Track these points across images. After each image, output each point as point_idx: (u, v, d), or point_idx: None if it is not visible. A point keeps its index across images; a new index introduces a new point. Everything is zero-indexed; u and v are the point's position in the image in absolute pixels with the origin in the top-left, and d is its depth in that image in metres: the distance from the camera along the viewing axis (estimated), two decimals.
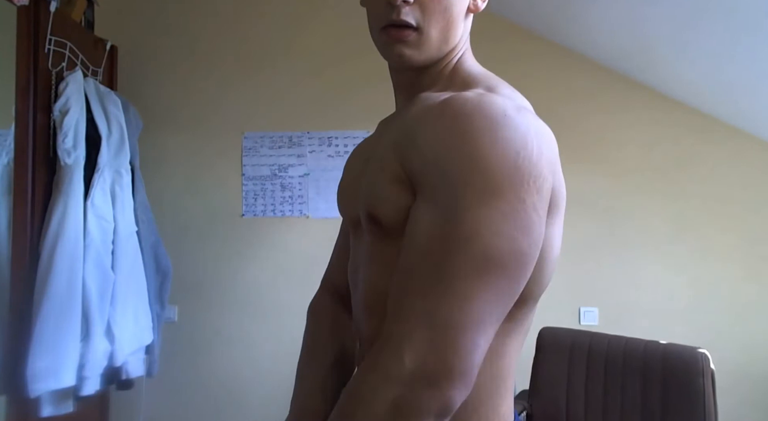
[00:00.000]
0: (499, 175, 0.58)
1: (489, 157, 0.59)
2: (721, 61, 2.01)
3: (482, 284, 0.56)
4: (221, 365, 2.47)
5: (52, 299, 1.69)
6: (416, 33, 0.71)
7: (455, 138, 0.61)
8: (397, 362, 0.54)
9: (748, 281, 2.40)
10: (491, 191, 0.58)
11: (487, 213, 0.57)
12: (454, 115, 0.62)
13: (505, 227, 0.57)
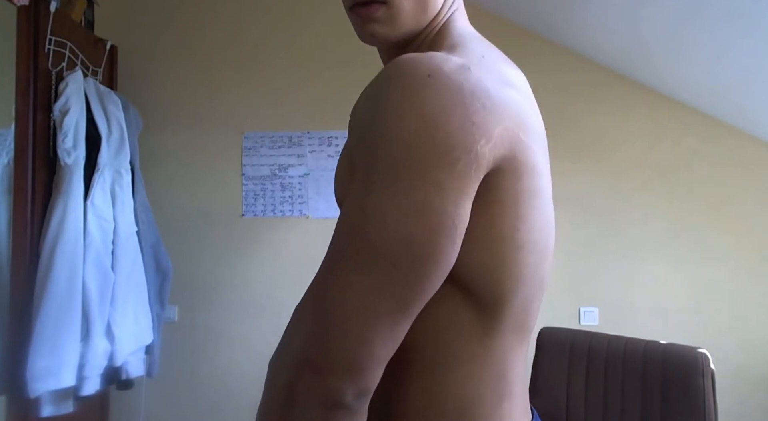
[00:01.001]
0: (402, 150, 0.50)
1: (396, 128, 0.51)
2: (721, 61, 2.01)
3: (364, 274, 0.50)
4: (221, 365, 2.47)
5: (52, 299, 1.69)
6: (385, 7, 0.64)
7: (369, 105, 0.55)
8: (289, 344, 0.51)
9: (748, 280, 2.40)
10: (392, 169, 0.50)
11: (380, 195, 0.50)
12: (375, 81, 0.55)
13: (394, 209, 0.50)
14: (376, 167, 0.51)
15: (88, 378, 1.78)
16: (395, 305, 0.51)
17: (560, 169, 2.45)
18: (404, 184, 0.50)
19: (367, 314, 0.50)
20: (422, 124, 0.50)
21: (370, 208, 0.50)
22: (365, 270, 0.50)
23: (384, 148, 0.51)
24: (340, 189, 0.66)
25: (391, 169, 0.50)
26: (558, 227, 0.67)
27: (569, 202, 2.43)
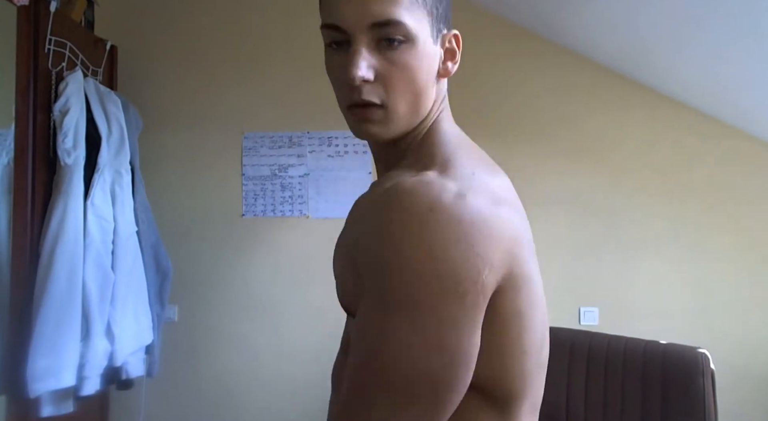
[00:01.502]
0: (411, 284, 0.53)
1: (403, 261, 0.54)
2: (721, 61, 2.01)
3: (393, 407, 0.55)
4: (221, 365, 2.47)
5: (52, 299, 1.69)
6: (382, 110, 0.67)
7: (376, 238, 0.57)
8: None
9: (748, 280, 2.40)
10: (402, 303, 0.54)
11: (395, 328, 0.54)
12: (380, 210, 0.58)
13: (415, 346, 0.53)
14: (389, 296, 0.55)
15: (88, 378, 1.78)
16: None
17: (560, 169, 2.45)
18: (420, 320, 0.54)
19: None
20: (430, 259, 0.54)
21: (390, 341, 0.54)
22: (394, 404, 0.54)
23: (396, 279, 0.54)
24: (344, 293, 0.69)
25: (405, 302, 0.54)
26: (558, 227, 0.68)
27: (569, 203, 2.43)
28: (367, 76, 0.64)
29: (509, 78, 2.46)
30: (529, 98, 2.46)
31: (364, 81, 0.65)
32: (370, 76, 0.65)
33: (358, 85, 0.65)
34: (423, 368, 0.54)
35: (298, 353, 2.43)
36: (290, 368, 2.43)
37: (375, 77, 0.65)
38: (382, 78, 0.66)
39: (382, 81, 0.66)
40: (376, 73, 0.65)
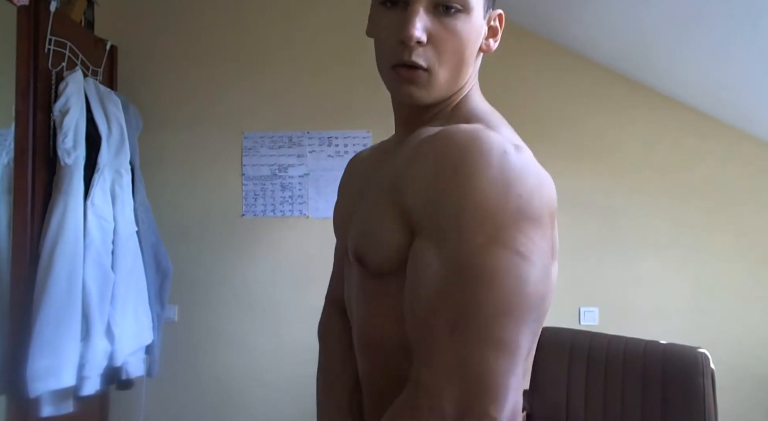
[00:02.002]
0: (503, 216, 0.57)
1: (490, 196, 0.58)
2: (721, 61, 2.01)
3: (510, 328, 0.56)
4: (221, 365, 2.47)
5: (52, 299, 1.69)
6: (427, 74, 0.69)
7: (453, 174, 0.59)
8: (439, 419, 0.54)
9: (748, 280, 2.40)
10: (499, 232, 0.57)
11: (502, 254, 0.57)
12: (449, 149, 0.61)
13: (523, 267, 0.57)
14: (478, 228, 0.57)
15: (88, 378, 1.78)
16: (527, 355, 0.60)
17: (560, 169, 2.45)
18: (515, 244, 0.57)
19: (516, 365, 0.56)
20: (513, 196, 0.58)
21: (489, 266, 0.56)
22: (512, 325, 0.56)
23: (482, 212, 0.57)
24: (358, 243, 0.70)
25: (494, 231, 0.57)
26: (558, 227, 0.68)
27: (569, 202, 2.42)
28: (421, 38, 0.66)
29: (509, 78, 2.46)
30: (529, 98, 2.46)
31: (417, 42, 0.66)
32: (424, 38, 0.66)
33: (411, 45, 0.66)
34: (536, 290, 0.58)
35: (298, 353, 2.42)
36: (290, 368, 2.43)
37: (427, 40, 0.67)
38: (433, 42, 0.67)
39: (432, 45, 0.68)
40: (429, 37, 0.67)
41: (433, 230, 0.60)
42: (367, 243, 0.69)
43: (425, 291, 0.58)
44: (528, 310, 0.57)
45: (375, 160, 0.84)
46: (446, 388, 0.54)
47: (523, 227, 0.58)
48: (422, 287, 0.59)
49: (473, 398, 0.54)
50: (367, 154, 0.93)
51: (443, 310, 0.57)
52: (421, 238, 0.61)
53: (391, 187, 0.67)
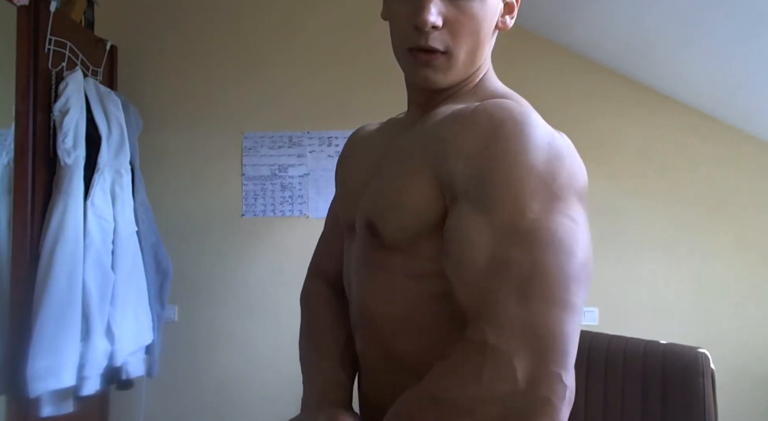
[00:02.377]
0: (556, 186, 0.60)
1: (545, 167, 0.60)
2: (721, 61, 2.01)
3: (575, 291, 0.57)
4: (221, 365, 2.47)
5: (52, 299, 1.69)
6: (444, 57, 0.69)
7: (507, 143, 0.61)
8: (509, 380, 0.54)
9: (748, 280, 2.40)
10: (554, 200, 0.60)
11: (561, 220, 0.59)
12: (502, 120, 0.62)
13: (580, 234, 0.60)
14: (535, 195, 0.59)
15: (88, 378, 1.77)
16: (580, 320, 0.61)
17: None
18: (570, 211, 0.60)
19: (578, 331, 0.58)
20: (565, 168, 0.62)
21: (550, 230, 0.58)
22: (577, 288, 0.58)
23: (538, 180, 0.60)
24: (376, 212, 0.70)
25: (549, 198, 0.59)
26: None
27: None
28: (437, 23, 0.66)
29: (509, 79, 2.43)
30: (530, 99, 2.42)
31: (433, 27, 0.66)
32: (440, 22, 0.66)
33: (427, 30, 0.66)
34: (589, 257, 0.60)
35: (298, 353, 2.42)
36: (290, 368, 2.43)
37: (443, 24, 0.67)
38: (449, 25, 0.67)
39: (449, 28, 0.67)
40: (444, 20, 0.67)
41: (482, 196, 0.60)
42: (385, 209, 0.69)
43: (481, 256, 0.59)
44: (587, 275, 0.59)
45: (388, 135, 0.83)
46: (518, 350, 0.54)
47: (573, 199, 0.61)
48: (476, 252, 0.59)
49: (545, 359, 0.54)
50: (373, 131, 0.91)
51: (506, 274, 0.57)
52: (463, 203, 0.62)
53: (423, 154, 0.67)
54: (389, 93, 2.56)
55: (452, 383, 0.57)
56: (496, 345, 0.55)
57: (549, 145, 0.62)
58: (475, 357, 0.56)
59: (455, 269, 0.62)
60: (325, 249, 0.97)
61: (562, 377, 0.55)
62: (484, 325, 0.57)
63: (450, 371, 0.58)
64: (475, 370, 0.55)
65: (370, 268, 0.74)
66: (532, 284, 0.56)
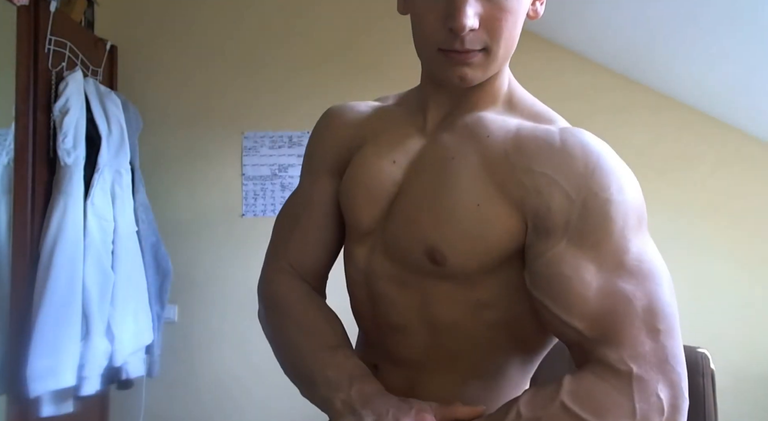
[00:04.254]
0: (644, 217, 0.65)
1: (639, 199, 0.65)
2: (721, 60, 2.01)
3: (677, 315, 0.65)
4: (221, 365, 2.47)
5: (52, 298, 1.69)
6: (483, 54, 0.65)
7: (609, 177, 0.63)
8: (658, 410, 0.58)
9: (748, 280, 2.40)
10: (645, 231, 0.65)
11: (653, 251, 0.65)
12: (598, 153, 0.64)
13: (662, 262, 0.66)
14: (628, 224, 0.63)
15: (88, 378, 1.77)
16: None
17: None
18: (652, 243, 0.66)
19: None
20: (640, 196, 0.66)
21: (650, 259, 0.64)
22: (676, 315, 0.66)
23: (631, 210, 0.63)
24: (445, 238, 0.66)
25: (638, 226, 0.64)
26: None
27: None
28: (475, 26, 0.62)
29: None
30: None
31: (470, 30, 0.62)
32: (477, 24, 0.62)
33: (463, 35, 0.62)
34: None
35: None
36: None
37: (479, 23, 0.63)
38: (486, 23, 0.63)
39: (486, 27, 0.64)
40: (480, 19, 0.63)
41: (585, 231, 0.62)
42: (458, 239, 0.65)
43: (591, 291, 0.61)
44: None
45: (407, 133, 0.76)
46: (659, 381, 0.58)
47: (646, 225, 0.66)
48: (586, 288, 0.61)
49: (680, 389, 0.59)
50: (369, 116, 0.84)
51: (626, 307, 0.60)
52: (562, 238, 0.63)
53: (502, 180, 0.65)
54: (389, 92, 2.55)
55: (601, 407, 0.59)
56: (642, 376, 0.58)
57: (629, 174, 0.65)
58: (623, 386, 0.59)
59: (564, 308, 0.63)
60: (300, 241, 0.85)
61: (687, 402, 0.60)
62: (623, 355, 0.59)
63: (595, 393, 0.60)
64: (626, 400, 0.58)
65: (415, 288, 0.71)
66: (655, 316, 0.61)
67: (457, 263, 0.66)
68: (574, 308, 0.62)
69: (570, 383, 0.61)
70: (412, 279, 0.71)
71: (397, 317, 0.74)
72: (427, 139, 0.74)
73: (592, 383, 0.60)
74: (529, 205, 0.63)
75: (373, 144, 0.79)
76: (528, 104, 0.74)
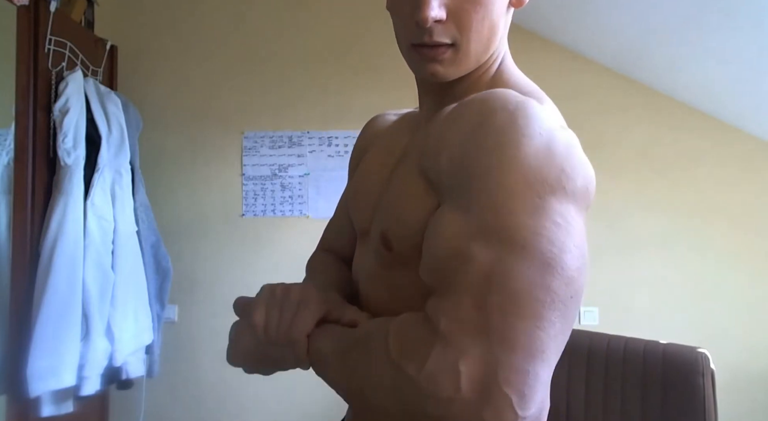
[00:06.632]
0: (543, 185, 0.52)
1: (533, 163, 0.53)
2: (720, 60, 2.01)
3: (549, 306, 0.50)
4: (221, 365, 2.47)
5: (52, 299, 1.69)
6: (452, 49, 0.63)
7: (495, 134, 0.54)
8: (451, 382, 0.47)
9: (748, 280, 2.40)
10: (537, 199, 0.52)
11: (538, 221, 0.51)
12: (496, 109, 0.56)
13: (566, 241, 0.51)
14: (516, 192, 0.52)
15: (88, 378, 1.77)
16: (563, 341, 0.52)
17: None
18: (556, 214, 0.52)
19: (552, 351, 0.50)
20: (558, 168, 0.54)
21: (527, 232, 0.51)
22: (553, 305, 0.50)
23: (522, 176, 0.52)
24: (389, 223, 0.65)
25: (533, 197, 0.52)
26: None
27: None
28: (439, 17, 0.60)
29: None
30: None
31: (436, 22, 0.60)
32: (443, 15, 0.60)
33: (429, 26, 0.60)
34: (573, 264, 0.52)
35: None
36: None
37: (447, 15, 0.61)
38: (454, 15, 0.61)
39: (454, 19, 0.61)
40: (448, 11, 0.61)
41: (460, 189, 0.55)
42: (394, 222, 0.65)
43: (442, 244, 0.54)
44: (572, 289, 0.51)
45: (403, 134, 0.79)
46: (467, 352, 0.48)
47: (562, 201, 0.53)
48: (439, 240, 0.54)
49: (496, 376, 0.47)
50: (391, 123, 0.86)
51: (465, 267, 0.51)
52: (446, 200, 0.57)
53: (421, 157, 0.63)
54: (389, 93, 2.56)
55: (403, 347, 0.52)
56: (446, 336, 0.49)
57: (548, 141, 0.55)
58: (426, 337, 0.51)
59: (423, 260, 0.57)
60: (335, 234, 0.96)
61: (513, 402, 0.47)
62: (440, 308, 0.52)
63: (406, 333, 0.53)
64: (422, 351, 0.50)
65: (383, 283, 0.70)
66: (491, 287, 0.49)
67: (399, 247, 0.65)
68: (425, 260, 0.57)
69: (402, 317, 0.56)
70: (380, 272, 0.70)
71: (373, 316, 0.74)
72: (412, 137, 0.76)
73: (410, 323, 0.54)
74: (429, 173, 0.60)
75: (375, 148, 0.82)
76: (507, 84, 0.68)
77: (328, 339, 0.63)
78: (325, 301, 0.67)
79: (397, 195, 0.66)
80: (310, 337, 0.65)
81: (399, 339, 0.53)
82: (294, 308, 0.65)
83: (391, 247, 0.66)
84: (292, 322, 0.65)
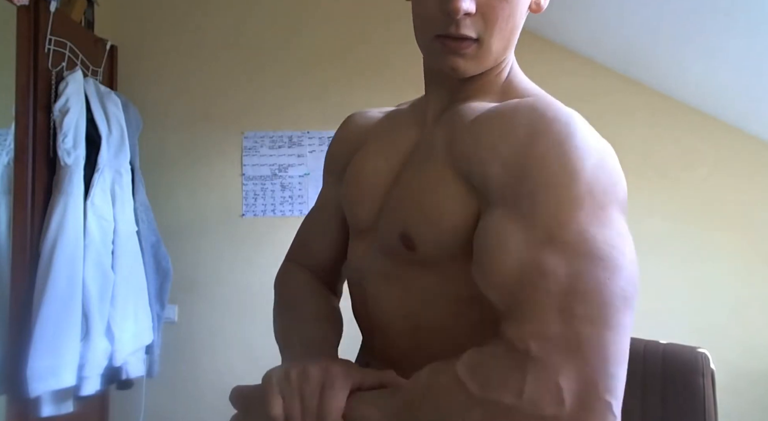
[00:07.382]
0: (605, 197, 0.56)
1: (595, 175, 0.56)
2: (720, 60, 2.01)
3: (623, 309, 0.54)
4: (221, 365, 2.47)
5: (52, 298, 1.69)
6: (476, 45, 0.64)
7: (555, 145, 0.56)
8: (555, 401, 0.48)
9: (748, 280, 2.40)
10: (602, 211, 0.55)
11: (608, 232, 0.55)
12: (549, 120, 0.58)
13: (625, 248, 0.57)
14: (578, 201, 0.54)
15: (88, 378, 1.78)
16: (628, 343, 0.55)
17: None
18: (615, 222, 0.56)
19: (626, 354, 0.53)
20: (608, 176, 0.58)
21: (594, 241, 0.54)
22: (626, 304, 0.55)
23: (582, 185, 0.55)
24: (413, 222, 0.65)
25: (593, 206, 0.55)
26: None
27: None
28: (470, 9, 0.61)
29: None
30: None
31: (465, 14, 0.61)
32: (473, 8, 0.61)
33: (459, 18, 0.61)
34: (634, 272, 0.59)
35: None
36: None
37: (476, 9, 0.62)
38: (482, 10, 0.62)
39: (481, 14, 0.62)
40: (477, 5, 0.62)
41: (520, 200, 0.55)
42: (422, 223, 0.64)
43: (512, 260, 0.54)
44: (633, 291, 0.57)
45: (407, 130, 0.77)
46: (563, 369, 0.49)
47: (618, 211, 0.57)
48: (508, 256, 0.54)
49: (594, 385, 0.48)
50: (380, 120, 0.85)
51: (544, 283, 0.52)
52: (498, 208, 0.57)
53: (459, 159, 0.62)
54: (389, 92, 2.55)
55: (489, 382, 0.52)
56: (540, 358, 0.49)
57: (597, 150, 0.58)
58: (516, 365, 0.51)
59: (484, 276, 0.57)
60: (315, 238, 0.93)
61: (612, 407, 0.49)
62: (524, 332, 0.51)
63: (487, 367, 0.53)
64: (516, 379, 0.50)
65: (397, 282, 0.70)
66: (575, 298, 0.51)
67: (425, 247, 0.65)
68: (492, 277, 0.56)
69: (468, 355, 0.55)
70: (395, 272, 0.70)
71: (382, 315, 0.73)
72: (423, 133, 0.75)
73: (487, 357, 0.53)
74: (474, 178, 0.61)
75: (374, 144, 0.81)
76: (519, 92, 0.70)
77: (371, 408, 0.59)
78: (348, 374, 0.62)
79: (423, 193, 0.65)
80: (345, 416, 0.59)
81: (478, 376, 0.53)
82: (317, 391, 0.60)
83: (414, 246, 0.65)
84: (319, 409, 0.59)
